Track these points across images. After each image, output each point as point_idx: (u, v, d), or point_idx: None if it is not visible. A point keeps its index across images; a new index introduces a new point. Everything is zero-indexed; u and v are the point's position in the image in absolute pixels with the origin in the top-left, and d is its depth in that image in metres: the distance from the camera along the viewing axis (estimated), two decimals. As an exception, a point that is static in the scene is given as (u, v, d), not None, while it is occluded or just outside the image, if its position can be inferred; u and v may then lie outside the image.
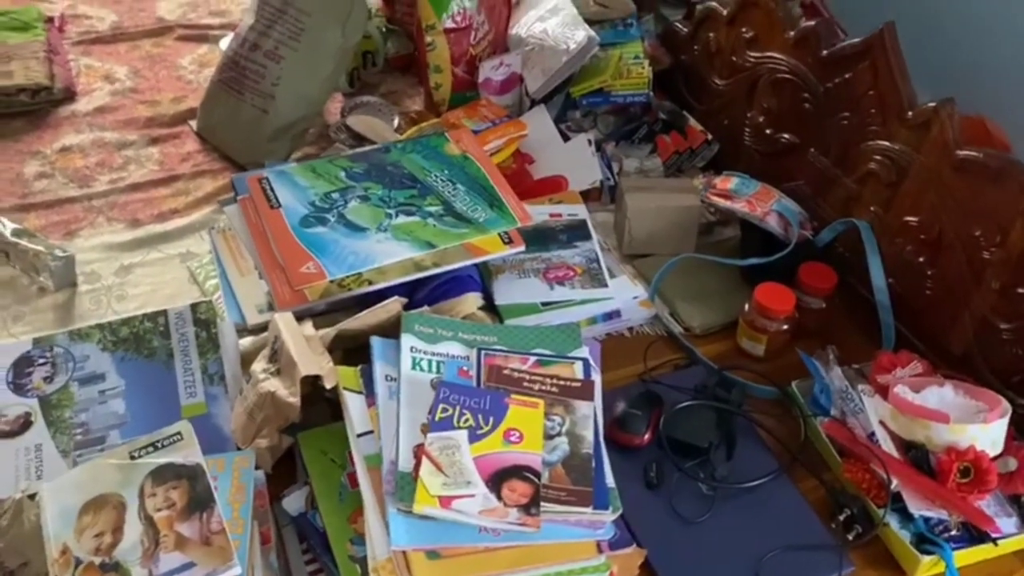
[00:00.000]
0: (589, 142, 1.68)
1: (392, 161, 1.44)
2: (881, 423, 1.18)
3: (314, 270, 1.24)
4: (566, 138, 1.73)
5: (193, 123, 1.79)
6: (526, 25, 1.83)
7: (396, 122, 1.82)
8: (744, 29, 1.64)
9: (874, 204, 1.42)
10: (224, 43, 1.95)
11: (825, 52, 1.46)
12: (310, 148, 1.77)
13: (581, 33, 1.70)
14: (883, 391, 1.22)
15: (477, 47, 1.75)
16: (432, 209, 1.35)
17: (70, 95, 1.86)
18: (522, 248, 1.34)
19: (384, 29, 1.99)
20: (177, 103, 1.86)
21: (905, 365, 1.25)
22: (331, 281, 1.24)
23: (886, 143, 1.38)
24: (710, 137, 1.76)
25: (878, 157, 1.39)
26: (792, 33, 1.52)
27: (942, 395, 1.18)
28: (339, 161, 1.43)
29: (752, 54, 1.63)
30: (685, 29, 1.83)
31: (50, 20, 2.07)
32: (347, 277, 1.24)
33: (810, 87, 1.51)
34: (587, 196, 1.65)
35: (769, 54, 1.59)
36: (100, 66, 1.96)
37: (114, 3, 2.19)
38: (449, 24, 1.70)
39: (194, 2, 2.21)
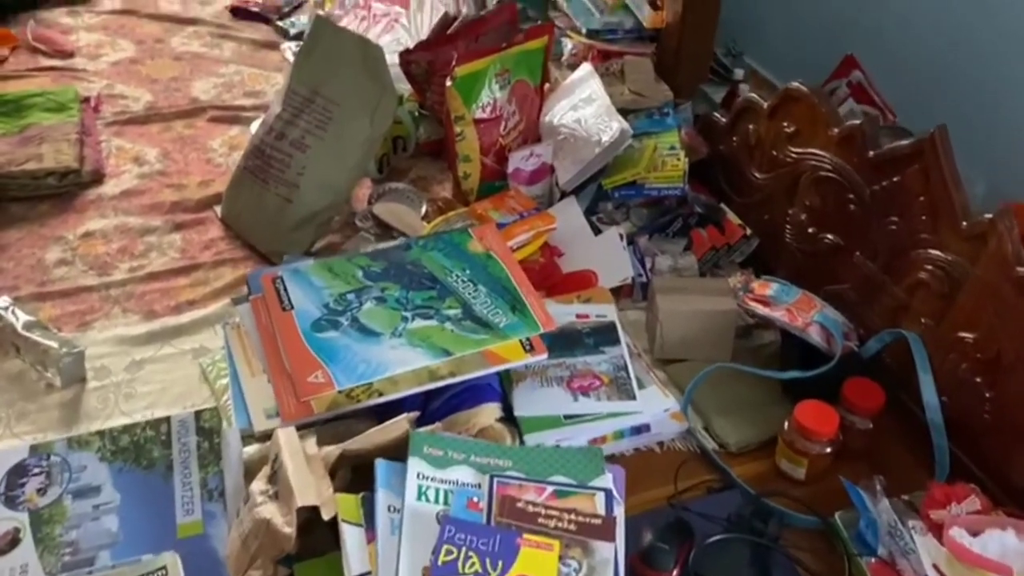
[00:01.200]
0: (621, 236, 1.61)
1: (412, 260, 1.38)
2: (935, 567, 1.07)
3: (322, 379, 1.17)
4: (597, 231, 1.67)
5: (218, 209, 1.76)
6: (559, 114, 1.78)
7: (424, 210, 1.77)
8: (785, 123, 1.57)
9: (925, 316, 1.32)
10: (255, 126, 1.93)
11: (872, 153, 1.38)
12: (335, 237, 1.72)
13: (615, 124, 1.64)
14: (937, 529, 1.11)
15: (507, 137, 1.71)
16: (450, 312, 1.29)
17: (98, 178, 1.84)
18: (544, 356, 1.26)
19: (416, 114, 1.95)
20: (204, 187, 1.84)
21: (961, 500, 1.14)
22: (340, 391, 1.17)
23: (938, 252, 1.28)
24: (748, 232, 1.67)
25: (929, 267, 1.30)
26: (836, 131, 1.45)
27: (1004, 541, 1.06)
28: (357, 259, 1.37)
29: (794, 149, 1.56)
30: (723, 119, 1.77)
31: (86, 100, 2.08)
32: (357, 387, 1.18)
33: (856, 188, 1.42)
34: (618, 292, 1.57)
35: (812, 151, 1.51)
36: (131, 147, 1.95)
37: (150, 82, 2.20)
38: (479, 115, 1.65)
39: (229, 82, 2.21)
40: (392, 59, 2.19)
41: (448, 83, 1.59)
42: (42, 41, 2.31)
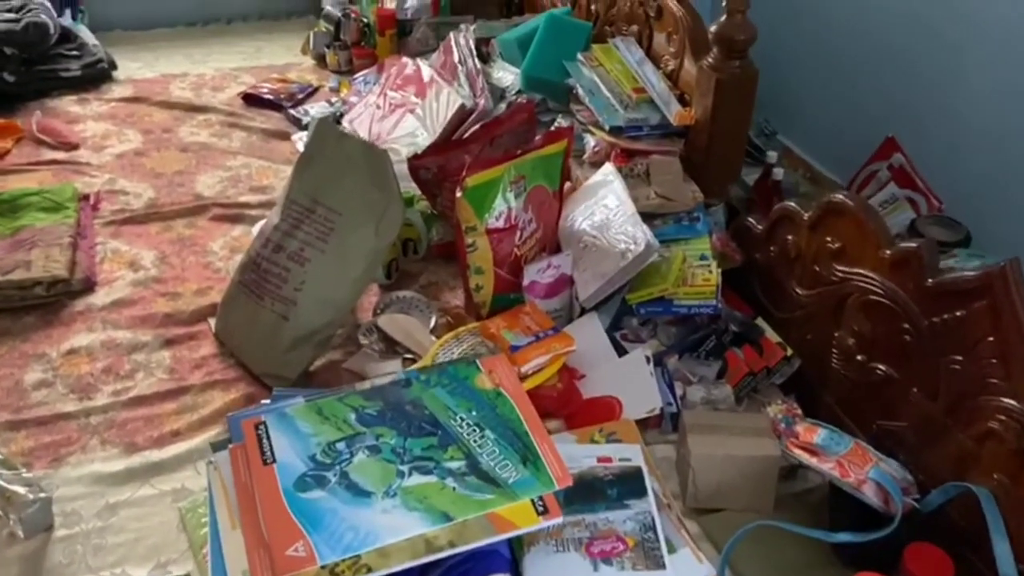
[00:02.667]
0: (648, 359, 1.46)
1: (412, 399, 1.24)
2: None
3: (303, 553, 1.02)
4: (620, 350, 1.52)
5: (213, 321, 1.64)
6: (579, 218, 1.65)
7: (433, 322, 1.64)
8: (829, 239, 1.42)
9: (997, 471, 1.15)
10: (256, 230, 1.82)
11: (931, 281, 1.22)
12: (335, 354, 1.59)
13: (640, 236, 1.50)
14: None
15: (523, 247, 1.57)
16: (453, 465, 1.14)
17: (89, 286, 1.74)
18: (558, 520, 1.11)
19: (428, 213, 1.83)
20: (200, 296, 1.72)
21: None
22: (322, 567, 1.02)
23: (1012, 402, 1.11)
24: (789, 353, 1.52)
25: (1002, 417, 1.13)
26: (888, 252, 1.29)
27: None
28: (351, 398, 1.23)
29: (839, 268, 1.40)
30: (759, 227, 1.62)
31: (85, 198, 1.99)
32: (342, 562, 1.03)
33: (911, 317, 1.26)
34: (645, 422, 1.42)
35: (860, 271, 1.36)
36: (127, 250, 1.85)
37: (154, 176, 2.11)
38: (492, 224, 1.53)
39: (235, 176, 2.11)
40: (404, 152, 2.09)
41: (458, 194, 1.46)
42: (47, 133, 2.23)
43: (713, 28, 1.66)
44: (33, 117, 2.28)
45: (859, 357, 1.38)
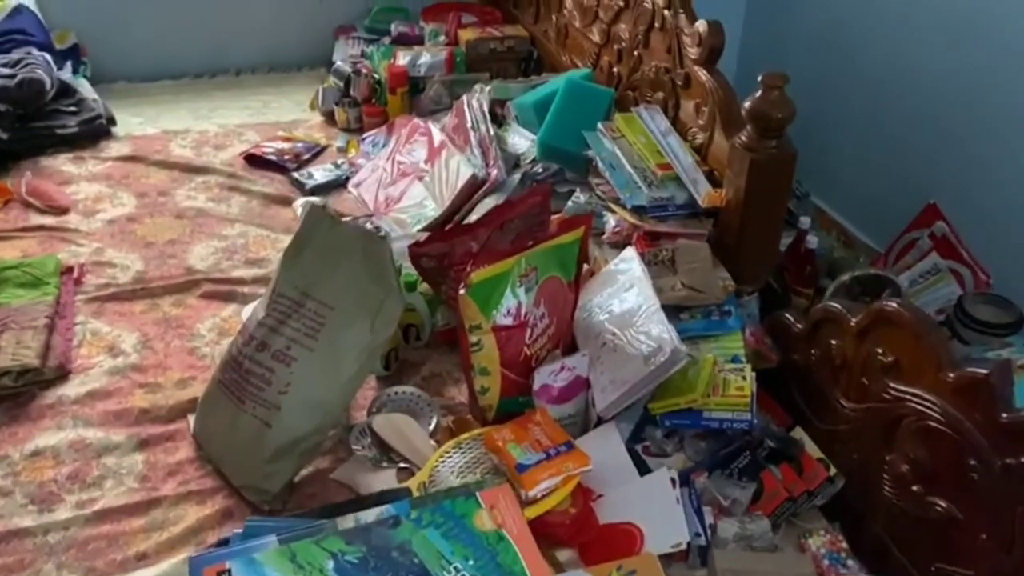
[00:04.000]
0: (673, 482, 1.29)
1: (400, 542, 1.08)
2: None
3: None
4: (642, 466, 1.35)
5: (192, 419, 1.49)
6: (597, 309, 1.50)
7: (433, 423, 1.49)
8: (880, 350, 1.25)
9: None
10: (247, 312, 1.68)
11: (1006, 417, 1.05)
12: (323, 461, 1.44)
13: (666, 338, 1.35)
14: None
15: (534, 345, 1.42)
16: (446, 629, 0.97)
17: (62, 374, 1.59)
18: None
19: (432, 295, 1.68)
20: (181, 388, 1.58)
21: None
22: None
23: (1110, 574, 0.94)
24: (833, 472, 1.34)
25: (1096, 588, 0.95)
26: (952, 376, 1.12)
27: None
28: (330, 541, 1.07)
29: (893, 385, 1.24)
30: (798, 326, 1.46)
31: (69, 270, 1.86)
32: None
33: (980, 453, 1.09)
34: (670, 555, 1.25)
35: (917, 392, 1.19)
36: (107, 332, 1.71)
37: (144, 246, 1.98)
38: (500, 320, 1.37)
39: (231, 247, 1.98)
40: (410, 221, 1.95)
41: (462, 291, 1.31)
42: (36, 195, 2.11)
43: (747, 104, 1.51)
44: (23, 178, 2.17)
45: (915, 487, 1.21)
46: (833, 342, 1.36)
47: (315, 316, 1.36)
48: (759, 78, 1.48)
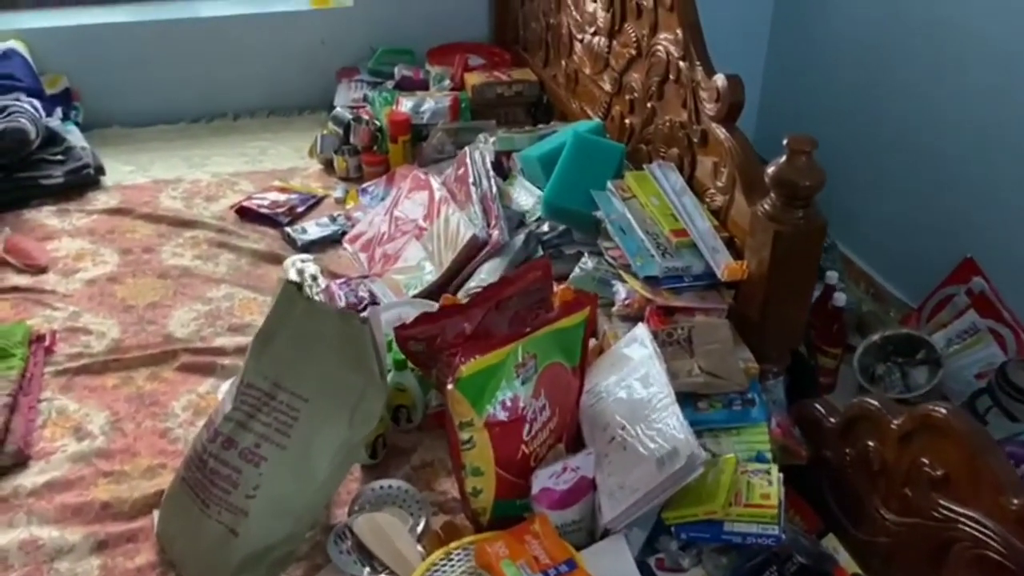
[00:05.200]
0: (688, 605, 1.13)
1: None
2: None
3: None
4: (655, 582, 1.19)
5: (157, 516, 1.35)
6: (606, 394, 1.35)
7: (422, 524, 1.34)
8: (927, 460, 1.09)
9: None
10: (223, 390, 1.54)
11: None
12: (297, 569, 1.29)
13: (681, 440, 1.19)
14: None
15: (533, 442, 1.27)
16: None
17: (21, 460, 1.46)
18: None
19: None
20: (148, 477, 1.44)
21: None
22: None
23: None
24: (872, 593, 1.18)
25: None
26: (1016, 503, 0.96)
27: None
28: None
29: (942, 502, 1.07)
30: (831, 419, 1.30)
31: (39, 339, 1.73)
32: None
33: (1052, 599, 0.93)
34: None
35: (972, 514, 1.03)
36: (75, 411, 1.58)
37: (123, 310, 1.85)
38: (494, 415, 1.22)
39: (215, 311, 1.85)
40: (404, 282, 1.81)
41: (450, 385, 1.17)
42: (14, 253, 2.00)
43: (771, 169, 1.36)
44: (2, 234, 2.05)
45: (970, 624, 1.04)
46: (871, 443, 1.20)
47: (287, 410, 1.23)
48: (784, 141, 1.34)
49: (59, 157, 2.31)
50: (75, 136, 2.40)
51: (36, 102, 2.37)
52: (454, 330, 1.31)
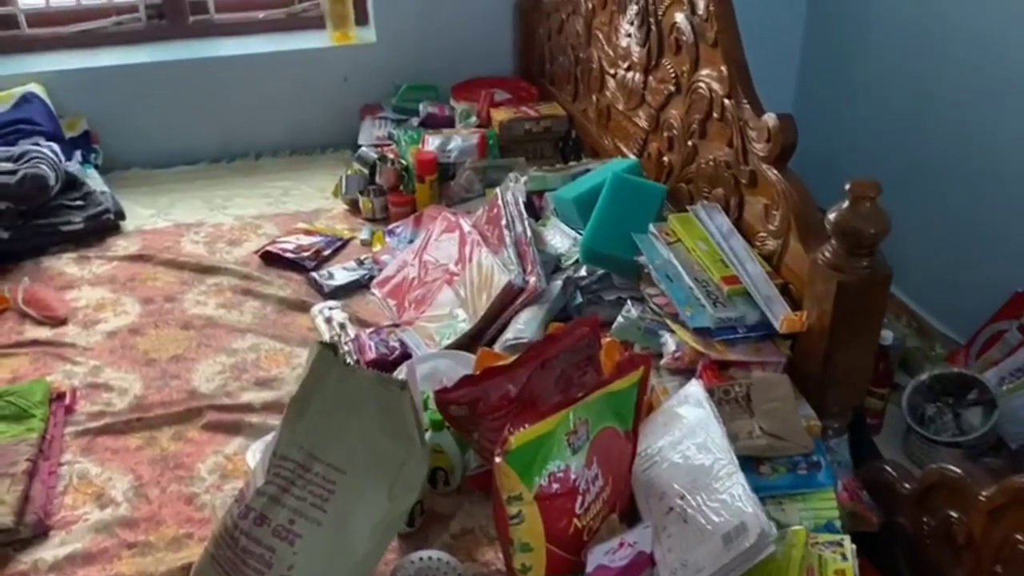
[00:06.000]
0: None
1: None
2: None
3: None
4: (722, 668, 1.10)
5: (184, 593, 1.27)
6: (660, 459, 1.26)
7: (466, 600, 1.24)
8: (1021, 537, 1.00)
9: None
10: (252, 456, 1.47)
11: None
12: (336, 650, 1.20)
13: (749, 514, 1.10)
14: None
15: (585, 515, 1.18)
16: None
17: (41, 531, 1.39)
18: None
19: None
20: (175, 548, 1.37)
21: None
22: None
23: None
24: None
25: None
26: None
27: None
28: None
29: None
30: (905, 485, 1.20)
31: (60, 397, 1.66)
32: None
33: None
34: None
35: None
36: (96, 475, 1.51)
37: (145, 364, 1.78)
38: (544, 487, 1.14)
39: (240, 363, 1.78)
40: (435, 332, 1.74)
41: (498, 458, 1.08)
42: (33, 304, 1.94)
43: (832, 216, 1.28)
44: (21, 284, 2.00)
45: None
46: (953, 514, 1.11)
47: (323, 483, 1.15)
48: (846, 186, 1.26)
49: (79, 202, 2.26)
50: (95, 180, 2.36)
51: (55, 146, 2.32)
52: (498, 392, 1.23)
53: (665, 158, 1.85)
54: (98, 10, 2.62)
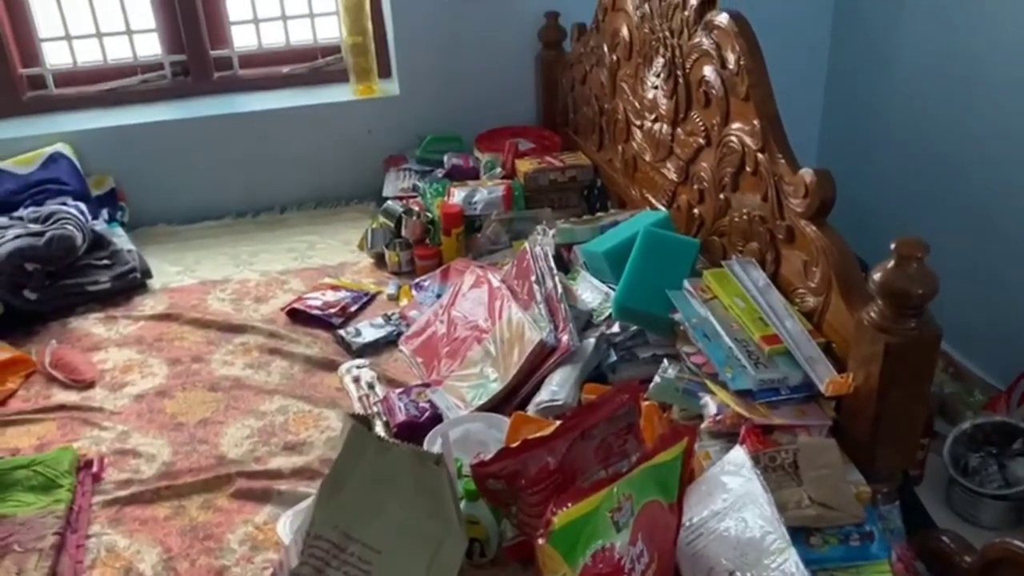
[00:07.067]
0: None
1: None
2: None
3: None
4: None
5: (215, 676, 1.23)
6: (705, 532, 1.21)
7: None
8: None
9: None
10: (283, 526, 1.43)
11: None
12: None
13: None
14: None
15: (631, 593, 1.13)
16: None
17: (69, 611, 1.36)
18: None
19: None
20: (205, 626, 1.32)
21: None
22: None
23: None
24: None
25: None
26: None
27: None
28: None
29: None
30: (965, 559, 1.15)
31: (87, 465, 1.64)
32: None
33: None
34: None
35: None
36: (125, 548, 1.48)
37: (173, 428, 1.76)
38: (589, 567, 1.09)
39: (268, 426, 1.75)
40: (467, 392, 1.70)
41: (540, 540, 1.04)
42: (60, 367, 1.93)
43: (877, 276, 1.24)
44: (48, 347, 1.99)
45: None
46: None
47: (359, 563, 1.12)
48: (892, 245, 1.22)
49: (105, 261, 2.26)
50: (121, 238, 2.36)
51: (82, 205, 2.34)
52: (537, 465, 1.19)
53: (696, 210, 1.82)
54: (124, 68, 2.64)
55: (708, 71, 1.69)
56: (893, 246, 1.21)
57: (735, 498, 1.23)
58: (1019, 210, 2.18)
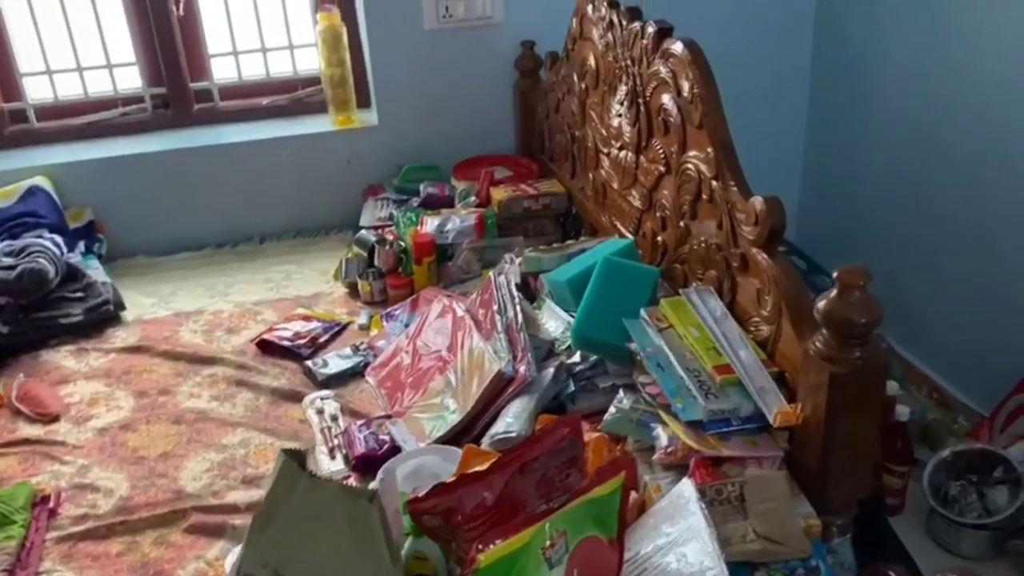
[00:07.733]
0: None
1: None
2: None
3: None
4: None
5: None
6: (647, 566, 1.19)
7: None
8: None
9: None
10: (230, 562, 1.41)
11: None
12: None
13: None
14: None
15: (566, 632, 1.11)
16: None
17: (11, 653, 1.34)
18: None
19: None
20: (147, 666, 1.30)
21: None
22: None
23: None
24: None
25: None
26: None
27: None
28: None
29: None
30: (911, 595, 1.12)
31: (44, 500, 1.63)
32: None
33: None
34: None
35: None
36: (74, 586, 1.46)
37: (134, 462, 1.75)
38: (520, 605, 1.07)
39: (229, 460, 1.74)
40: (427, 423, 1.69)
41: (467, 577, 1.02)
42: (26, 402, 1.92)
43: (821, 305, 1.22)
44: (16, 381, 1.99)
45: None
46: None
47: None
48: (834, 274, 1.20)
49: (79, 294, 2.26)
50: (96, 271, 2.37)
51: (58, 238, 2.35)
52: (473, 501, 1.17)
53: (659, 238, 1.81)
54: (105, 101, 2.66)
55: (666, 99, 1.68)
56: (835, 275, 1.20)
57: (679, 532, 1.20)
58: (1003, 238, 2.16)
